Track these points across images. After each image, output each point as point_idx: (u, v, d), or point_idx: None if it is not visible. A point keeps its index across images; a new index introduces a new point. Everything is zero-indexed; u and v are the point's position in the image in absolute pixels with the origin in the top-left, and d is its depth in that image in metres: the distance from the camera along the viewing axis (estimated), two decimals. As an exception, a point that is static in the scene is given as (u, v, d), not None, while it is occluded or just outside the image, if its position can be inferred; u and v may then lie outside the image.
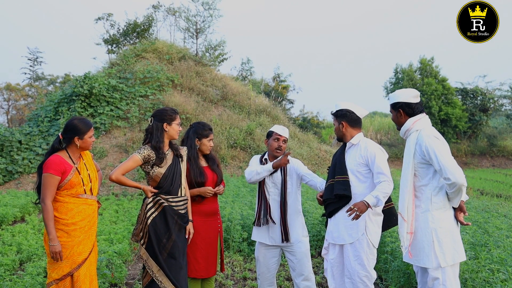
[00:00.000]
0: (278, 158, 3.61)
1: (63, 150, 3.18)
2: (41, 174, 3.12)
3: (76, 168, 3.16)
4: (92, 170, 3.32)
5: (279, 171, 3.71)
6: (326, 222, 3.51)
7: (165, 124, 3.34)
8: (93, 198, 3.27)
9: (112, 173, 3.17)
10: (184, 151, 3.51)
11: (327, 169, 3.62)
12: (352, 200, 3.26)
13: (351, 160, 3.35)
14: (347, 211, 3.07)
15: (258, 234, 3.76)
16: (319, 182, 3.72)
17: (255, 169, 3.65)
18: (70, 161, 3.15)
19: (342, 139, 3.46)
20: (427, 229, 2.89)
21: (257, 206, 3.77)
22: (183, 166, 3.46)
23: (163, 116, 3.36)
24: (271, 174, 3.70)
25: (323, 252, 3.51)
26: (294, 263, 3.66)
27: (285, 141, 3.75)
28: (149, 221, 3.23)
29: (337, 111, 3.44)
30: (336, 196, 3.30)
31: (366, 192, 3.22)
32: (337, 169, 3.39)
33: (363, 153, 3.28)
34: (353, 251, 3.22)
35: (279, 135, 3.73)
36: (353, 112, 3.39)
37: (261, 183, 3.74)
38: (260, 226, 3.70)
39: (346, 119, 3.39)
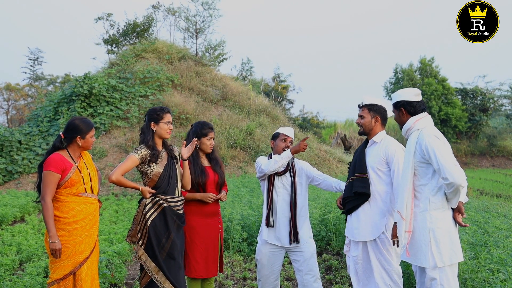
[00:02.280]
0: (296, 144, 3.58)
1: (63, 149, 3.20)
2: (42, 173, 3.13)
3: (77, 166, 3.18)
4: (92, 169, 3.34)
5: (288, 172, 3.71)
6: (346, 219, 3.54)
7: (152, 123, 3.34)
8: (94, 196, 3.28)
9: (112, 174, 3.15)
10: (177, 151, 3.49)
11: (348, 167, 3.63)
12: (372, 197, 3.31)
13: (373, 157, 3.37)
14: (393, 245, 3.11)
15: (268, 235, 3.70)
16: (334, 182, 3.71)
17: (273, 158, 3.62)
18: (70, 160, 3.17)
19: (367, 134, 3.45)
20: (425, 229, 2.90)
21: (266, 207, 3.73)
22: (178, 166, 3.46)
23: (152, 115, 3.36)
24: (281, 174, 3.69)
25: (345, 249, 3.54)
26: (300, 263, 3.61)
27: (291, 141, 3.78)
28: (149, 222, 3.21)
29: (373, 104, 3.42)
30: (355, 194, 3.34)
31: (386, 189, 3.28)
32: (357, 167, 3.41)
33: (385, 150, 3.32)
34: (377, 248, 3.27)
35: (286, 135, 3.76)
36: (386, 111, 3.43)
37: (270, 184, 3.72)
38: (270, 226, 3.67)
39: (381, 115, 3.41)
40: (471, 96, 27.76)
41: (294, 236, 3.59)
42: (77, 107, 14.16)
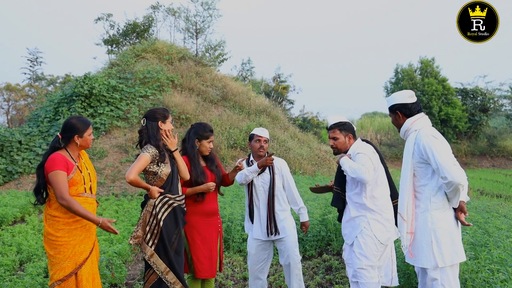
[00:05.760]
0: (262, 159, 3.87)
1: (62, 149, 3.18)
2: (40, 175, 3.10)
3: (77, 166, 3.17)
4: (91, 169, 3.33)
5: (267, 169, 3.96)
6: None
7: (160, 123, 3.35)
8: (93, 197, 3.28)
9: (129, 174, 3.12)
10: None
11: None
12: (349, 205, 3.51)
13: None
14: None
15: (253, 230, 3.99)
16: (294, 205, 4.06)
17: (243, 172, 3.87)
18: (71, 160, 3.15)
19: (341, 152, 3.56)
20: (426, 229, 2.90)
21: (247, 203, 4.02)
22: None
23: (156, 115, 3.37)
24: (259, 174, 3.94)
25: (344, 254, 3.67)
26: (283, 252, 3.92)
27: (266, 141, 4.01)
28: (161, 222, 3.22)
29: (342, 123, 3.53)
30: (333, 206, 3.69)
31: (359, 199, 3.40)
32: (336, 180, 3.66)
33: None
34: (356, 245, 3.37)
35: (260, 136, 4.00)
36: (353, 125, 3.59)
37: (250, 183, 3.98)
38: (251, 222, 3.99)
39: (352, 132, 3.55)
40: (471, 96, 27.73)
41: (272, 229, 3.88)
42: (77, 107, 14.16)
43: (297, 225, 5.02)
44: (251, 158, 4.04)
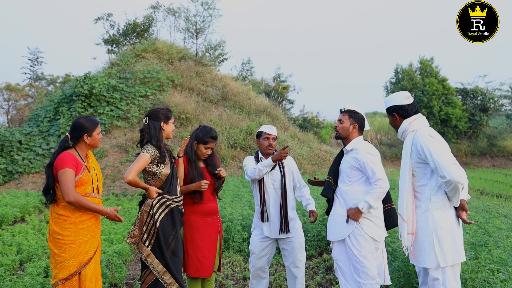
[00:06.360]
0: (277, 152, 3.78)
1: (72, 148, 3.20)
2: (50, 174, 3.10)
3: (86, 166, 3.18)
4: (98, 169, 3.34)
5: (277, 167, 3.90)
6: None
7: (162, 123, 3.36)
8: (99, 197, 3.28)
9: (128, 174, 3.12)
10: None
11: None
12: (337, 199, 3.45)
13: (345, 164, 3.44)
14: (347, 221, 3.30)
15: (262, 228, 3.92)
16: (305, 200, 4.00)
17: (257, 166, 3.80)
18: (80, 159, 3.17)
19: (342, 138, 3.50)
20: (427, 229, 2.90)
21: (260, 202, 3.91)
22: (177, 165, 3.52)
23: (160, 115, 3.36)
24: (270, 171, 3.87)
25: (333, 252, 3.63)
26: (289, 252, 3.86)
27: (274, 138, 3.96)
28: (158, 223, 3.22)
29: (354, 111, 3.47)
30: (323, 195, 3.58)
31: (355, 193, 3.33)
32: (330, 169, 3.59)
33: (355, 159, 3.37)
34: (348, 247, 3.33)
35: (268, 134, 3.93)
36: (364, 121, 3.51)
37: (261, 181, 3.89)
38: (265, 221, 3.89)
39: (359, 124, 3.47)
40: (471, 96, 27.75)
41: (285, 227, 3.82)
42: (77, 107, 14.16)
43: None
44: (260, 156, 3.99)
